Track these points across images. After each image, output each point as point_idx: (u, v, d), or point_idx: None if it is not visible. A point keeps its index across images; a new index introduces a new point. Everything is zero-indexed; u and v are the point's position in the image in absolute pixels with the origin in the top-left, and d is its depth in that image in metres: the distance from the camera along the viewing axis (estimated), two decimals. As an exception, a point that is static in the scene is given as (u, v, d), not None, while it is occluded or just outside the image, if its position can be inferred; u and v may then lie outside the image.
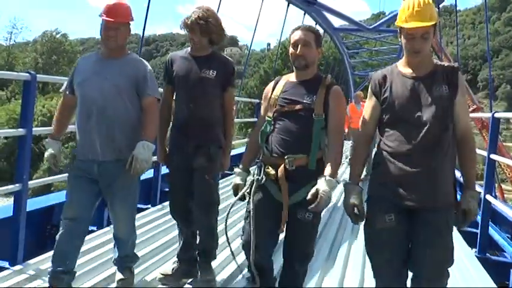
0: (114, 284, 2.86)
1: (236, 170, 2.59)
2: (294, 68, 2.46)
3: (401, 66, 2.29)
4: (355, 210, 2.25)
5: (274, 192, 2.41)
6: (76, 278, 2.77)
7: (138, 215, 4.38)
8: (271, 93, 2.49)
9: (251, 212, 2.41)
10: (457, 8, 21.10)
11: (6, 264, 3.12)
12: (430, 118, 2.12)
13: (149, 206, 4.94)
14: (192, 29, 2.86)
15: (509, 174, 17.98)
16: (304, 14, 20.29)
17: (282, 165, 2.34)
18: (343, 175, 8.40)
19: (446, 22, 66.91)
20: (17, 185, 3.21)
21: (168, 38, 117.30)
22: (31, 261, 3.10)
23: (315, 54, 2.42)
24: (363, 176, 2.50)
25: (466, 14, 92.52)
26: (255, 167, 2.53)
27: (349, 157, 10.28)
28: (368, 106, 2.35)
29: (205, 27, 2.85)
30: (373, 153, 2.36)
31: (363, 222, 2.29)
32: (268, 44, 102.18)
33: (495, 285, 3.38)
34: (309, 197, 2.22)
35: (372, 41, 35.47)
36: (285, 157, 2.34)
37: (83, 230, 2.70)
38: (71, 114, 2.87)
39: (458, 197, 2.24)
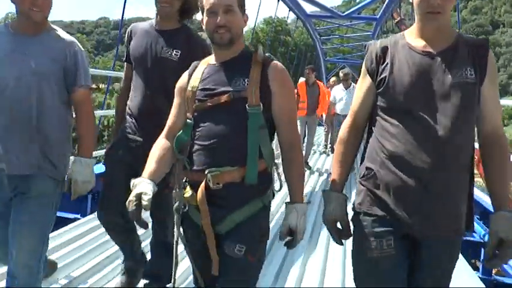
0: (100, 275, 2.83)
1: (134, 180, 1.67)
2: (212, 45, 1.75)
3: (411, 37, 1.62)
4: (338, 224, 1.73)
5: (199, 221, 1.71)
6: (59, 269, 2.74)
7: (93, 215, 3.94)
8: (187, 85, 1.76)
9: (189, 254, 1.78)
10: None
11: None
12: (447, 112, 1.50)
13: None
14: None
15: (475, 156, 18.59)
16: (278, 0, 20.26)
17: (203, 184, 1.66)
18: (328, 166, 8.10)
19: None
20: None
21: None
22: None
23: (241, 23, 1.72)
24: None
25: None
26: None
27: (327, 144, 10.03)
28: (360, 89, 1.71)
29: None
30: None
31: (347, 240, 1.76)
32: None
33: (470, 267, 3.50)
34: (283, 238, 1.71)
35: (344, 28, 35.75)
36: (206, 171, 1.64)
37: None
38: None
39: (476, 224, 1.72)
